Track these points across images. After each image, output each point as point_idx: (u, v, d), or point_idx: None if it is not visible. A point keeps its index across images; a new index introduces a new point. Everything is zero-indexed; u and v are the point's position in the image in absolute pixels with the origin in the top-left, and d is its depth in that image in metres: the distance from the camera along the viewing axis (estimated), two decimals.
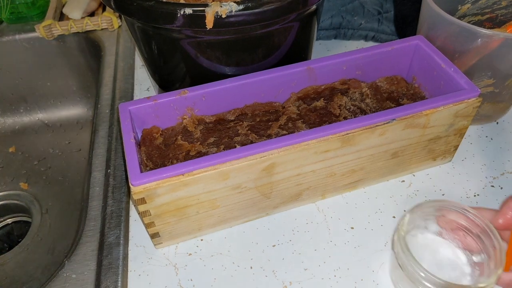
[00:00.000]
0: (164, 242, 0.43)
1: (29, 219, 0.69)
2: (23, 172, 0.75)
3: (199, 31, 0.42)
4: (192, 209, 0.40)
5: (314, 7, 0.46)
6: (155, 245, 0.44)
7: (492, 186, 0.48)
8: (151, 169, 0.42)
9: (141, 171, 0.37)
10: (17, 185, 0.73)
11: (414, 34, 0.50)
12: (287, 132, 0.45)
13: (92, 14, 0.76)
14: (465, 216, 0.38)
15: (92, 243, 0.45)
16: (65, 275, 0.43)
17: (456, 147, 0.49)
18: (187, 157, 0.43)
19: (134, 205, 0.48)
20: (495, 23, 0.53)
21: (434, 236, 0.41)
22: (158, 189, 0.36)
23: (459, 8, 0.53)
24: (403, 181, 0.49)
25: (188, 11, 0.38)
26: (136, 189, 0.36)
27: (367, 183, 0.48)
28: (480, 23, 0.54)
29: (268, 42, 0.46)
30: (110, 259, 0.43)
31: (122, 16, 0.52)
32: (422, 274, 0.34)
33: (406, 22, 0.64)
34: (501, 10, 0.52)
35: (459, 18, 0.53)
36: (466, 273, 0.39)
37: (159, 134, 0.45)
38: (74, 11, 0.74)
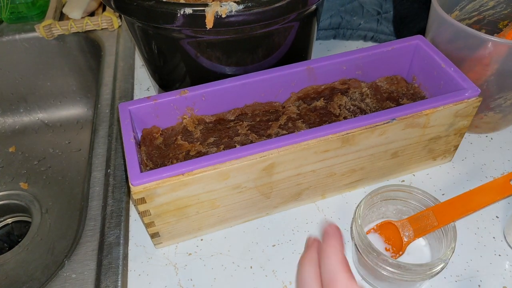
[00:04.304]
0: (164, 242, 0.43)
1: (29, 219, 0.69)
2: (23, 172, 0.75)
3: (199, 31, 0.42)
4: (192, 209, 0.40)
5: (314, 7, 0.46)
6: (155, 245, 0.44)
7: None
8: (151, 168, 0.42)
9: (141, 171, 0.37)
10: (17, 185, 0.73)
11: (412, 34, 0.50)
12: (287, 132, 0.45)
13: (92, 14, 0.76)
14: (413, 195, 0.39)
15: (92, 243, 0.45)
16: (65, 274, 0.43)
17: (456, 147, 0.49)
18: (187, 157, 0.43)
19: (134, 205, 0.48)
20: (482, 24, 0.53)
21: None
22: (158, 189, 0.36)
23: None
24: (403, 180, 0.49)
25: (188, 11, 0.38)
26: (136, 189, 0.36)
27: (367, 183, 0.48)
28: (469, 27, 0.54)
29: (268, 42, 0.46)
30: (110, 259, 0.43)
31: (122, 16, 0.52)
32: (375, 254, 0.35)
33: (404, 23, 0.64)
34: (489, 11, 0.52)
35: None
36: (426, 254, 0.40)
37: (159, 134, 0.45)
38: (74, 11, 0.74)
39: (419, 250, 0.41)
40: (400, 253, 0.38)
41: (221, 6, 0.38)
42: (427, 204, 0.39)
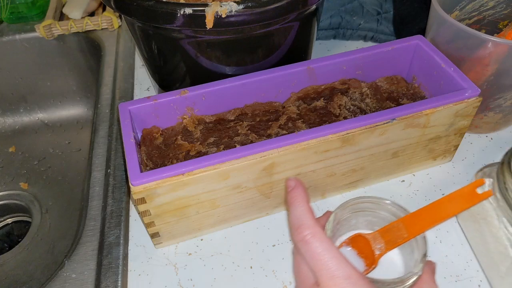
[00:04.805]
0: (164, 242, 0.43)
1: (29, 219, 0.69)
2: (23, 172, 0.75)
3: (199, 31, 0.42)
4: (192, 209, 0.40)
5: (314, 7, 0.46)
6: (155, 245, 0.44)
7: None
8: (151, 168, 0.42)
9: (141, 171, 0.37)
10: (17, 185, 0.73)
11: (412, 34, 0.50)
12: (287, 132, 0.45)
13: (92, 14, 0.76)
14: (381, 206, 0.39)
15: (92, 243, 0.45)
16: (65, 274, 0.43)
17: (456, 147, 0.49)
18: (187, 157, 0.43)
19: (134, 205, 0.48)
20: (482, 24, 0.53)
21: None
22: (158, 189, 0.36)
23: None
24: (403, 180, 0.49)
25: (188, 11, 0.38)
26: (136, 189, 0.36)
27: (367, 182, 0.48)
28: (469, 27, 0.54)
29: (268, 42, 0.46)
30: (110, 259, 0.43)
31: (122, 16, 0.52)
32: None
33: (404, 23, 0.64)
34: (488, 11, 0.52)
35: None
36: (399, 267, 0.39)
37: (159, 134, 0.45)
38: (74, 11, 0.74)
39: (392, 261, 0.40)
40: (373, 266, 0.37)
41: (221, 6, 0.38)
42: (397, 215, 0.38)
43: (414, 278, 0.34)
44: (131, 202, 0.49)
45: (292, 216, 0.33)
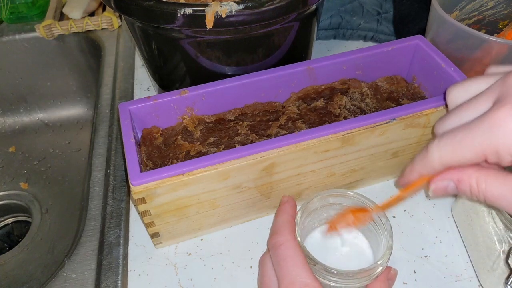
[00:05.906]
0: (164, 242, 0.43)
1: (29, 219, 0.69)
2: (23, 172, 0.75)
3: (199, 31, 0.42)
4: (192, 209, 0.40)
5: (314, 7, 0.46)
6: (155, 245, 0.44)
7: None
8: (151, 168, 0.42)
9: (141, 171, 0.37)
10: (17, 185, 0.73)
11: (412, 34, 0.50)
12: (287, 132, 0.45)
13: (92, 14, 0.76)
14: (350, 199, 0.39)
15: (92, 243, 0.45)
16: (65, 274, 0.43)
17: None
18: (187, 157, 0.43)
19: (134, 205, 0.48)
20: (482, 24, 0.53)
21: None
22: (158, 189, 0.36)
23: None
24: None
25: (188, 11, 0.38)
26: (136, 189, 0.36)
27: (367, 183, 0.48)
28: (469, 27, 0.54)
29: (268, 42, 0.46)
30: (110, 259, 0.43)
31: (122, 16, 0.52)
32: (311, 262, 0.34)
33: (404, 23, 0.64)
34: (488, 11, 0.52)
35: None
36: (369, 257, 0.39)
37: (159, 134, 0.45)
38: (74, 11, 0.74)
39: (364, 254, 0.39)
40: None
41: (221, 6, 0.38)
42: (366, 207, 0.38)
43: (379, 269, 0.34)
44: (131, 202, 0.49)
45: (274, 223, 0.37)
